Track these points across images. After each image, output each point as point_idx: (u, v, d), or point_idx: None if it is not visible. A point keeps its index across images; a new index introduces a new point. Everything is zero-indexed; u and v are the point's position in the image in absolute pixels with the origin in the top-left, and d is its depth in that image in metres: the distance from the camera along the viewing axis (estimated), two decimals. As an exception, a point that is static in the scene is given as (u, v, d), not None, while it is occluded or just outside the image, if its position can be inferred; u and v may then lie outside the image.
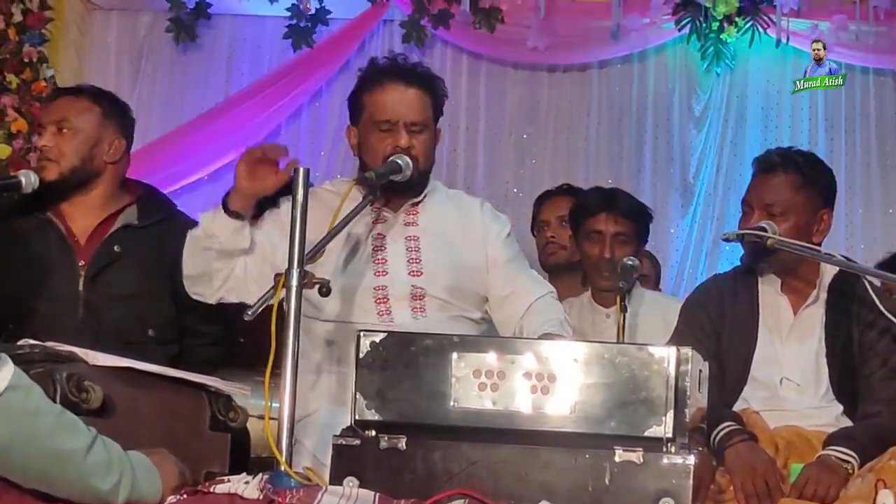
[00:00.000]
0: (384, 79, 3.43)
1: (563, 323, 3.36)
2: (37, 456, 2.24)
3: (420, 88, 3.44)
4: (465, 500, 2.47)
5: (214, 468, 2.74)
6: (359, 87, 3.48)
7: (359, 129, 3.45)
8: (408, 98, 3.41)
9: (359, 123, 3.45)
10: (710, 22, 5.92)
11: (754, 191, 3.58)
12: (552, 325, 3.31)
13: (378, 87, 3.42)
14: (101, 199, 3.69)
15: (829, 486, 3.17)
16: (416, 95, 3.43)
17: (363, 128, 3.43)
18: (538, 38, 6.06)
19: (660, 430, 2.48)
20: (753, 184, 3.61)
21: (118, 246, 3.63)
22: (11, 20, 6.05)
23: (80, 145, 3.64)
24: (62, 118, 3.66)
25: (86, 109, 3.70)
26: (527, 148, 6.28)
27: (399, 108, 3.39)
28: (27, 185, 3.49)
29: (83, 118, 3.68)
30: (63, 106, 3.71)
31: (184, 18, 6.16)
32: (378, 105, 3.40)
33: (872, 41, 5.97)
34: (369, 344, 2.62)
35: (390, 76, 3.43)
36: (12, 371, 2.22)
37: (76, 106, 3.70)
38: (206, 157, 6.20)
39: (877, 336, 3.47)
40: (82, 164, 3.64)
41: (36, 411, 2.24)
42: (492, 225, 3.53)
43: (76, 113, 3.68)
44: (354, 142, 3.47)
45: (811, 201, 3.55)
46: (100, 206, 3.68)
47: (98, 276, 3.58)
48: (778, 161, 3.57)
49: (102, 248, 3.62)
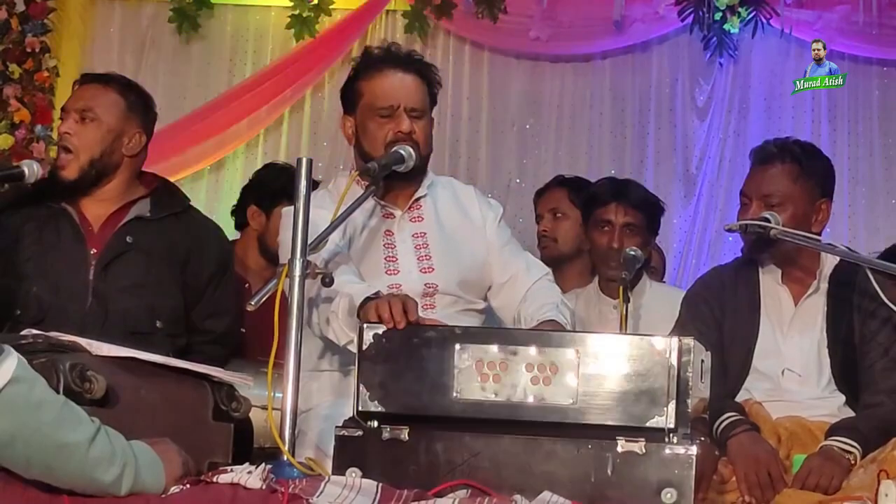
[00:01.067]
0: (382, 66, 3.43)
1: (561, 306, 3.36)
2: (39, 448, 2.24)
3: (417, 75, 3.45)
4: (467, 490, 2.48)
5: (217, 458, 2.74)
6: (354, 75, 3.48)
7: (356, 117, 3.45)
8: (407, 84, 3.42)
9: (356, 112, 3.45)
10: (713, 12, 5.92)
11: (752, 182, 3.58)
12: (549, 308, 3.31)
13: (376, 74, 3.42)
14: (117, 190, 3.67)
15: (831, 477, 3.17)
16: (413, 81, 3.43)
17: (362, 115, 3.42)
18: (541, 29, 6.06)
19: (662, 420, 2.48)
20: (751, 175, 3.61)
21: (130, 237, 3.61)
22: (14, 10, 6.05)
23: (102, 136, 3.62)
24: (87, 107, 3.63)
25: (112, 101, 3.66)
26: (529, 138, 6.28)
27: (399, 93, 3.39)
28: (30, 175, 3.49)
29: (108, 109, 3.65)
30: (90, 94, 3.68)
31: (186, 9, 6.17)
32: (377, 91, 3.40)
33: (876, 32, 5.96)
34: (372, 336, 2.63)
35: (388, 63, 3.44)
36: (16, 363, 2.22)
37: (103, 96, 3.67)
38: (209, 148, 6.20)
39: (878, 326, 3.47)
40: (101, 157, 3.62)
41: (39, 403, 2.24)
42: (487, 212, 3.55)
43: (102, 103, 3.65)
44: (350, 131, 3.46)
45: (809, 191, 3.55)
46: (115, 197, 3.67)
47: (109, 266, 3.57)
48: (775, 152, 3.57)
49: (114, 239, 3.61)
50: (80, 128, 3.61)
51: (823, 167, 3.65)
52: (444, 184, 3.60)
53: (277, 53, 6.29)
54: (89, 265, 3.57)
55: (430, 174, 3.53)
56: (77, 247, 3.59)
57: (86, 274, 3.56)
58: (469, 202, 3.56)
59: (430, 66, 3.52)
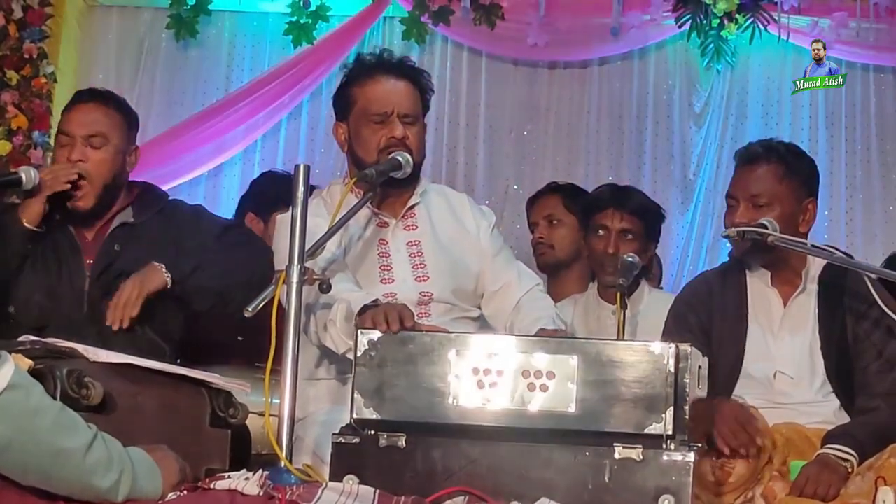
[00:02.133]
0: (375, 72, 3.44)
1: (556, 319, 3.36)
2: (36, 454, 2.24)
3: (410, 81, 3.46)
4: (465, 497, 2.47)
5: (215, 465, 2.74)
6: (347, 82, 3.49)
7: (349, 124, 3.45)
8: (400, 90, 3.43)
9: (349, 118, 3.45)
10: (711, 19, 5.91)
11: (738, 183, 3.59)
12: (545, 322, 3.31)
13: (370, 81, 3.43)
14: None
15: (829, 485, 3.17)
16: (406, 88, 3.44)
17: (355, 122, 3.43)
18: (538, 35, 6.06)
19: (660, 427, 2.48)
20: (737, 176, 3.62)
21: (117, 245, 3.61)
22: (12, 16, 6.04)
23: (112, 159, 3.60)
24: (96, 132, 3.58)
25: (117, 122, 3.63)
26: (527, 145, 6.27)
27: (392, 99, 3.40)
28: (28, 182, 3.49)
29: (115, 131, 3.62)
30: (93, 117, 3.61)
31: (184, 15, 6.16)
32: (370, 97, 3.41)
33: (873, 38, 5.96)
34: (367, 342, 2.63)
35: (381, 69, 3.44)
36: (13, 369, 2.22)
37: (107, 118, 3.62)
38: (206, 154, 6.19)
39: (870, 327, 3.47)
40: (113, 179, 3.60)
41: (36, 410, 2.24)
42: (481, 220, 3.56)
43: (109, 125, 3.61)
44: (343, 138, 3.47)
45: (795, 191, 3.56)
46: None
47: (102, 275, 3.57)
48: (760, 152, 3.59)
49: (104, 248, 3.61)
50: (92, 153, 3.57)
51: (808, 166, 3.66)
52: (437, 191, 3.61)
53: (275, 60, 6.28)
54: (85, 276, 3.58)
55: (423, 181, 3.54)
56: (75, 258, 3.59)
57: (82, 284, 3.57)
58: (462, 210, 3.57)
59: (423, 72, 3.53)
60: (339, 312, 3.07)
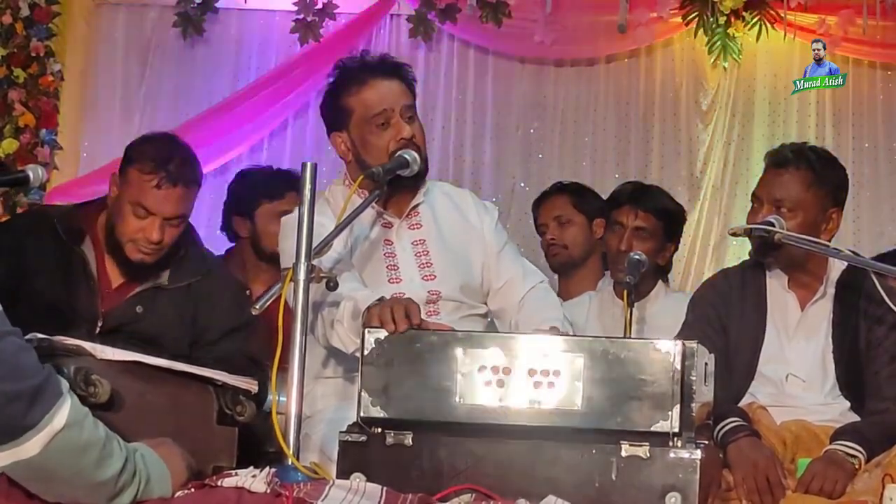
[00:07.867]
0: (364, 76, 3.41)
1: (564, 322, 3.35)
2: (74, 485, 2.25)
3: (398, 78, 3.44)
4: (472, 495, 2.48)
5: (222, 462, 2.74)
6: (337, 92, 3.44)
7: (350, 132, 3.42)
8: (393, 88, 3.42)
9: (348, 128, 3.42)
10: (718, 16, 5.91)
11: (765, 185, 3.56)
12: (553, 322, 3.30)
13: (362, 87, 3.40)
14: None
15: (835, 481, 3.17)
16: (399, 85, 3.44)
17: (358, 130, 3.40)
18: (545, 33, 6.06)
19: (666, 424, 2.48)
20: (764, 178, 3.59)
21: (140, 307, 3.54)
22: (19, 15, 6.05)
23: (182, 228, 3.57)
24: (178, 213, 3.50)
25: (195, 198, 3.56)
26: (534, 142, 6.27)
27: (390, 99, 3.39)
28: (35, 180, 3.47)
29: (191, 207, 3.56)
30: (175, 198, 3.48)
31: (191, 13, 6.16)
32: (368, 103, 3.38)
33: (880, 35, 5.95)
34: (374, 341, 2.63)
35: (369, 73, 3.42)
36: (69, 407, 2.20)
37: (189, 198, 3.53)
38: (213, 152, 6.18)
39: (885, 332, 3.46)
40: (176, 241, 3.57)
41: (85, 447, 2.23)
42: (484, 215, 3.55)
43: (189, 206, 3.54)
44: (344, 148, 3.43)
45: (821, 199, 3.53)
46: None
47: (116, 330, 3.49)
48: (790, 157, 3.55)
49: (125, 306, 3.53)
50: (169, 229, 3.50)
51: (838, 177, 3.62)
52: (440, 189, 3.60)
53: (282, 58, 6.29)
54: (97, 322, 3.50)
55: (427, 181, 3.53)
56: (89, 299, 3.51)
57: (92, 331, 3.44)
58: (466, 206, 3.57)
59: (406, 65, 3.52)
60: (346, 311, 3.07)
